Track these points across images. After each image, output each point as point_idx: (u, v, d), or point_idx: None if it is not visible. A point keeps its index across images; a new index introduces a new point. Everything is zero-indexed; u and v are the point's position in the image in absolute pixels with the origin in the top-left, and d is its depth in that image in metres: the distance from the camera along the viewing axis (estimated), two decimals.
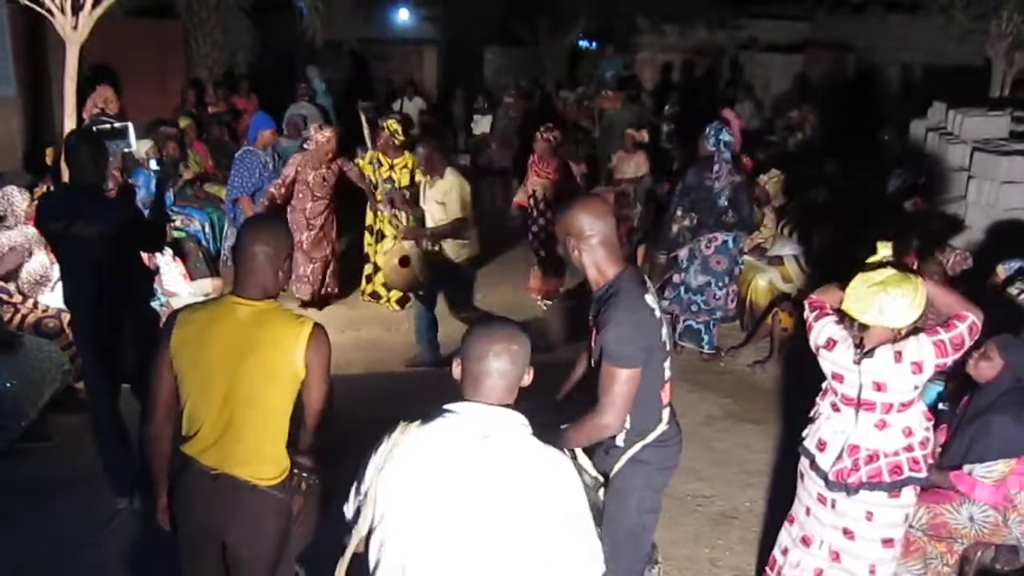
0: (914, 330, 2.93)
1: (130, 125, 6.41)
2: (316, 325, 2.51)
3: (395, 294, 6.90)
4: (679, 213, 5.96)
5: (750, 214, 6.01)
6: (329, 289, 7.05)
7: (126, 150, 6.62)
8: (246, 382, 2.46)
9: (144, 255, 4.38)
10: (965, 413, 3.53)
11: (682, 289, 6.07)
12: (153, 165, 4.71)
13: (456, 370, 2.08)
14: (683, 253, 6.00)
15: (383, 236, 6.83)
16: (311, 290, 6.86)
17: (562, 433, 2.61)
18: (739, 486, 4.50)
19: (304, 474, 2.71)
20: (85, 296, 3.85)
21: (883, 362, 2.90)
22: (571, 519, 1.98)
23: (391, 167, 6.66)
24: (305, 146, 6.95)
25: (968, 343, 2.90)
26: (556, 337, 6.35)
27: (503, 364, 2.02)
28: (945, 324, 2.91)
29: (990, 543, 3.58)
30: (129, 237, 3.80)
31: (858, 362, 2.94)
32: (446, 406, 2.03)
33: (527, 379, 2.09)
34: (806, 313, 3.17)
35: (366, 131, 6.57)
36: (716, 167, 5.78)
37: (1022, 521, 3.40)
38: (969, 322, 2.87)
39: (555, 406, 3.07)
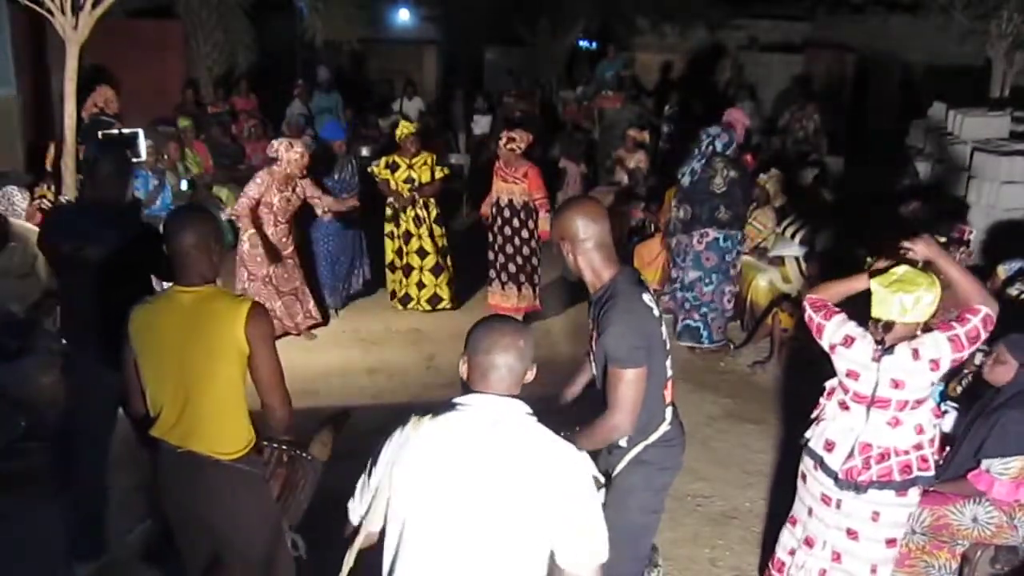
0: (927, 327, 2.95)
1: (140, 132, 5.98)
2: (255, 303, 2.62)
3: (425, 293, 6.78)
4: (674, 203, 6.01)
5: (744, 211, 6.03)
6: (305, 321, 6.22)
7: (134, 160, 6.24)
8: (194, 361, 2.56)
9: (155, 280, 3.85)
10: (980, 412, 3.51)
11: (677, 286, 6.12)
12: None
13: (463, 367, 2.12)
14: (672, 243, 6.06)
15: (410, 236, 6.69)
16: (282, 327, 6.00)
17: (572, 437, 2.61)
18: (739, 486, 4.50)
19: (284, 447, 2.81)
20: (88, 329, 3.38)
21: (902, 359, 2.91)
22: (576, 503, 2.01)
23: (410, 166, 6.62)
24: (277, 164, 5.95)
25: (983, 336, 2.90)
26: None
27: (510, 358, 2.06)
28: (959, 318, 2.91)
29: (990, 544, 3.58)
30: (146, 264, 3.41)
31: (878, 359, 2.95)
32: (455, 399, 2.07)
33: (530, 375, 2.13)
34: (808, 313, 3.15)
35: None
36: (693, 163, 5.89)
37: None
38: (983, 315, 2.87)
39: (560, 409, 3.08)
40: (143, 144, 5.83)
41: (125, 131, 5.83)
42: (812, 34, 14.32)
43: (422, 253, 6.72)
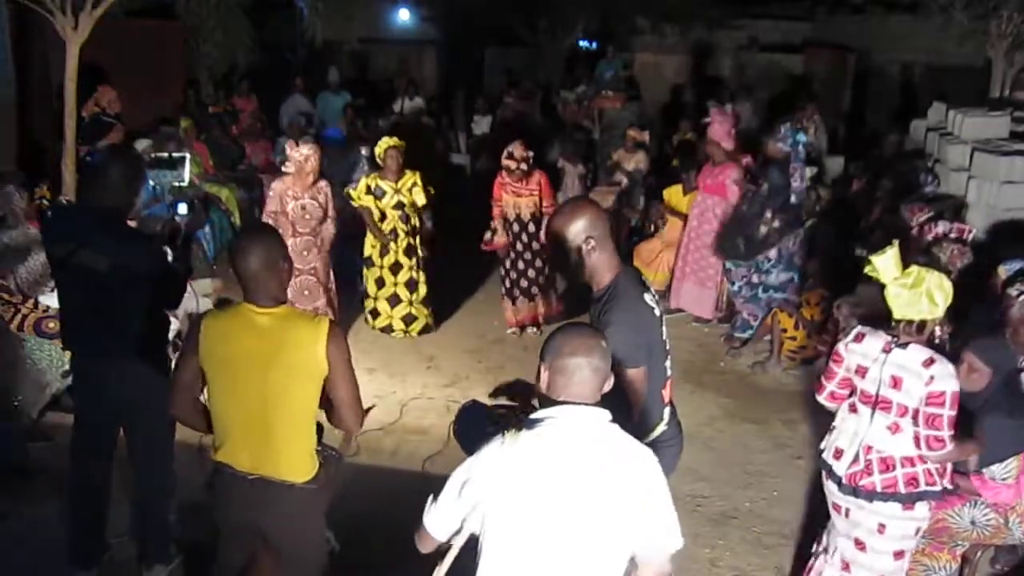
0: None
1: (187, 156, 5.79)
2: (331, 322, 2.60)
3: (415, 327, 6.34)
4: (768, 215, 5.91)
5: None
6: None
7: (176, 184, 5.88)
8: (275, 385, 2.54)
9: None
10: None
11: (760, 289, 6.08)
12: (182, 210, 3.88)
13: (544, 375, 2.12)
14: (772, 254, 6.02)
15: (400, 267, 6.21)
16: None
17: None
18: (739, 486, 4.50)
19: (319, 448, 2.81)
20: (88, 339, 3.33)
21: (912, 358, 2.92)
22: (662, 505, 2.07)
23: (397, 191, 6.08)
24: (284, 168, 5.83)
25: (944, 423, 2.92)
26: None
27: (595, 360, 2.09)
28: (954, 419, 2.92)
29: (990, 544, 3.59)
30: (149, 280, 3.24)
31: (888, 350, 2.96)
32: (540, 414, 2.09)
33: (609, 383, 2.14)
34: (822, 383, 3.23)
35: None
36: (793, 167, 5.88)
37: (1022, 522, 3.39)
38: (949, 449, 2.93)
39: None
40: (187, 169, 5.62)
41: (175, 154, 5.62)
42: (812, 34, 14.30)
43: (396, 267, 6.24)
